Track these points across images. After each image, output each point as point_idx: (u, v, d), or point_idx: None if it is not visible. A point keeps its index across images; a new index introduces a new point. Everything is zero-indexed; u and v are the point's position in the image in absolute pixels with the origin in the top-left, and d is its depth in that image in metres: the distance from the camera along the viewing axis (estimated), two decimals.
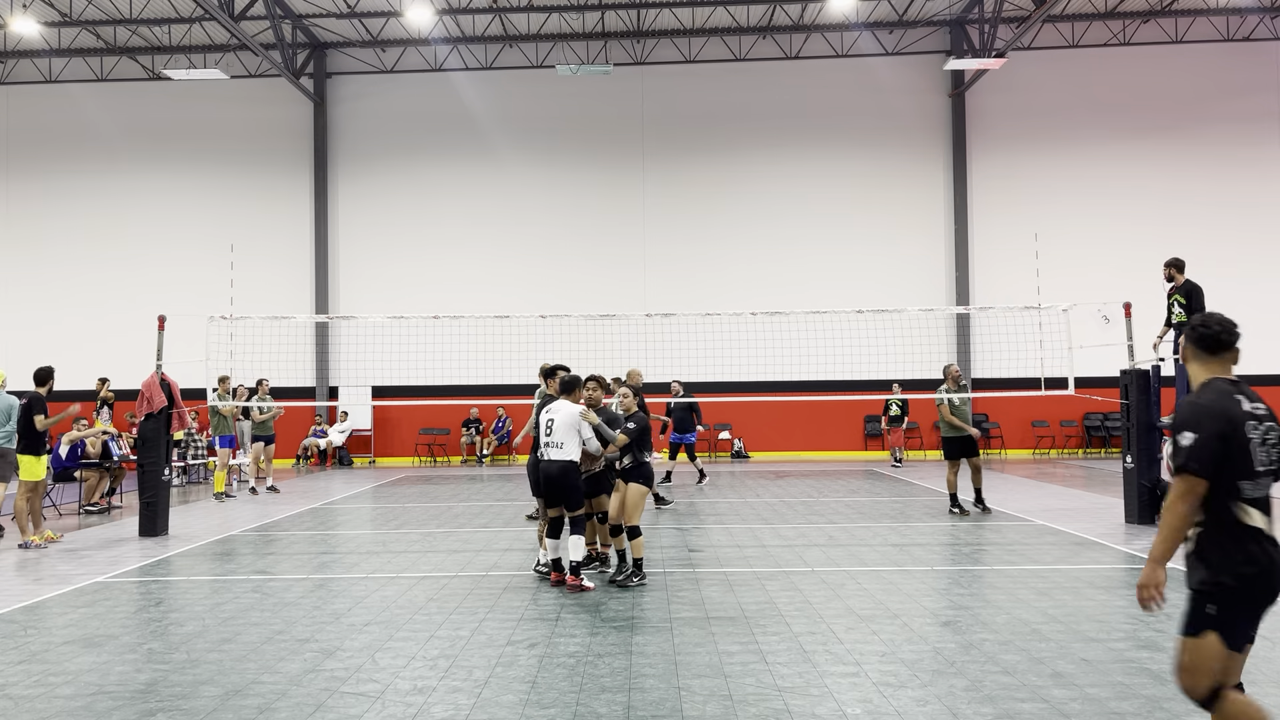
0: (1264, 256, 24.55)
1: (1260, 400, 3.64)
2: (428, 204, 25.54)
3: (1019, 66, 24.66)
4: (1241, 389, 3.61)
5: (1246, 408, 3.55)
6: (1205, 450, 3.46)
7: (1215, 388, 3.61)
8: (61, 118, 26.10)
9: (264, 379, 17.37)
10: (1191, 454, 3.47)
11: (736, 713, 4.95)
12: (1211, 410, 3.52)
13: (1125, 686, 5.29)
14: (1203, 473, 3.46)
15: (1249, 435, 3.49)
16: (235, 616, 7.25)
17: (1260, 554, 3.48)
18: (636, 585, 8.23)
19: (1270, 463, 3.53)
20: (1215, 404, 3.54)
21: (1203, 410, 3.53)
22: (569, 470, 8.14)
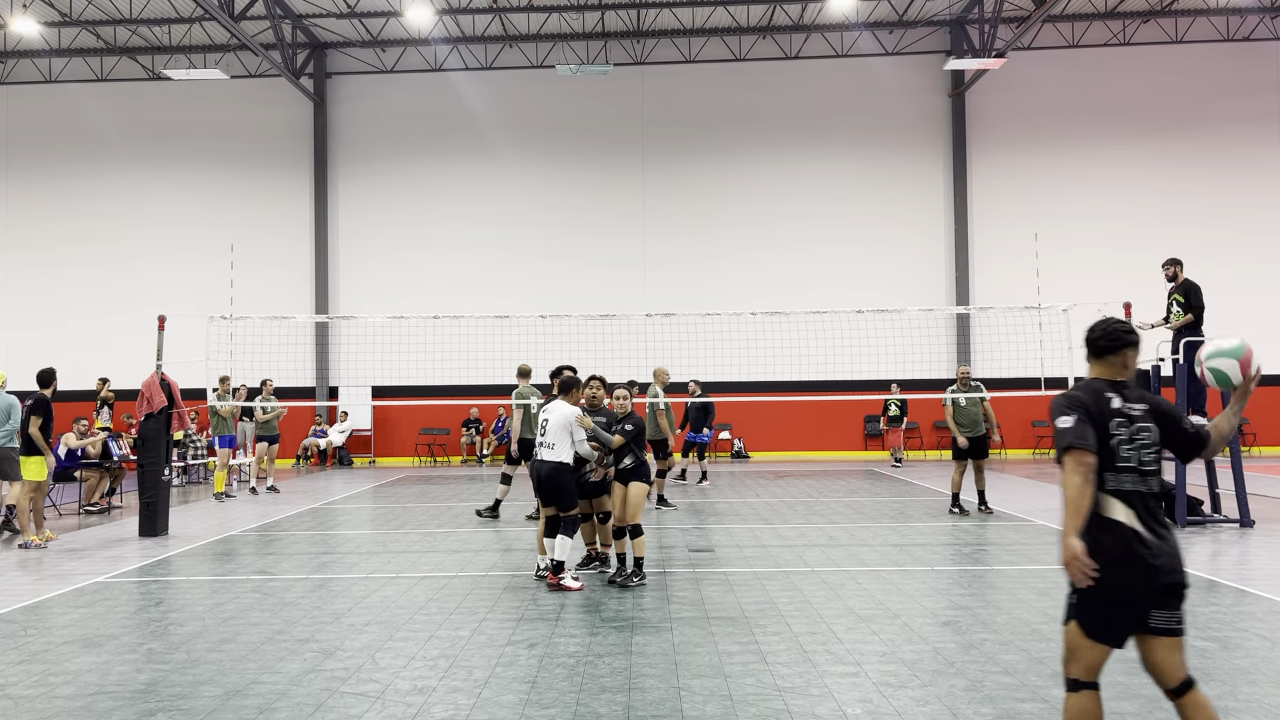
0: (1264, 256, 24.56)
1: (1142, 402, 3.78)
2: (428, 204, 25.55)
3: (1019, 66, 24.66)
4: (1121, 389, 3.79)
5: (1117, 405, 3.73)
6: (1083, 427, 3.63)
7: (1090, 386, 3.83)
8: (61, 118, 26.10)
9: (268, 379, 17.42)
10: (1072, 433, 3.62)
11: (736, 713, 4.95)
12: (1081, 400, 3.72)
13: (1125, 686, 5.28)
14: (1086, 447, 3.60)
15: (1112, 431, 3.67)
16: (235, 616, 7.25)
17: (1112, 546, 3.60)
18: (637, 585, 8.23)
19: (1138, 462, 3.68)
20: (1084, 397, 3.74)
21: (1073, 399, 3.73)
22: (560, 471, 8.14)
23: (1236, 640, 6.21)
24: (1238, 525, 11.23)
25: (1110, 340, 3.84)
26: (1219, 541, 10.33)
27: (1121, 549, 3.60)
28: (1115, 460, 3.66)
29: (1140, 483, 3.68)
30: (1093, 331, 3.89)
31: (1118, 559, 3.60)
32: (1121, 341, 3.82)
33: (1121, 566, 3.60)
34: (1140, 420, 3.73)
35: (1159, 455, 3.74)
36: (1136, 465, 3.68)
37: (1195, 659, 5.78)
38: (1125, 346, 3.82)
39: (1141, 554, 3.60)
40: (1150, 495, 3.69)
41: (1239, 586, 7.92)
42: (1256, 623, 6.67)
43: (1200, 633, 6.39)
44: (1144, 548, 3.60)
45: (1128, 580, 3.61)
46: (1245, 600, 7.41)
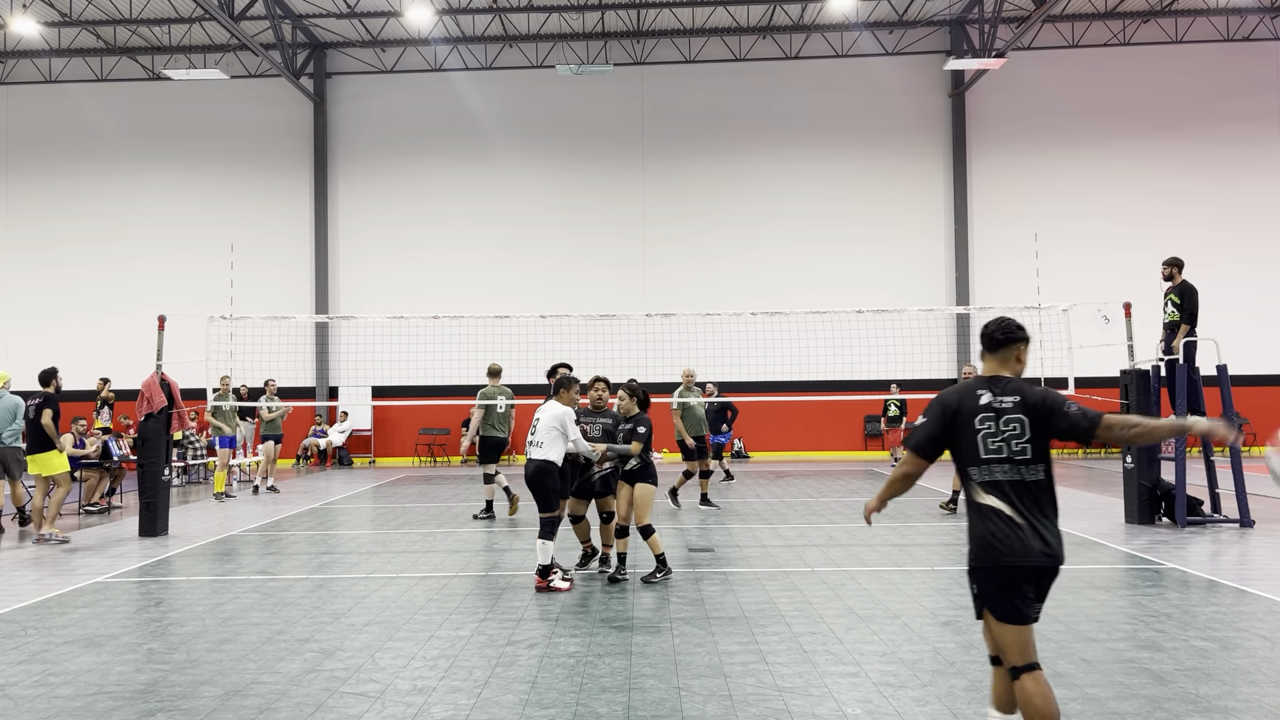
0: (1264, 257, 24.56)
1: (1015, 394, 3.95)
2: (428, 204, 25.55)
3: (1019, 66, 24.66)
4: (993, 385, 3.99)
5: (986, 400, 3.95)
6: (926, 435, 3.97)
7: (964, 384, 4.06)
8: (61, 118, 26.10)
9: (271, 379, 17.50)
10: (917, 435, 4.00)
11: (736, 713, 4.95)
12: (947, 402, 3.99)
13: (1125, 686, 5.29)
14: (920, 453, 3.99)
15: (977, 428, 3.90)
16: (235, 616, 7.25)
17: (989, 532, 3.85)
18: (662, 579, 8.32)
19: (1008, 453, 3.88)
20: (951, 398, 4.00)
21: (940, 402, 4.01)
22: (544, 470, 8.13)
23: (1236, 640, 6.21)
24: (1238, 525, 11.22)
25: (1005, 334, 4.06)
26: (1219, 541, 10.33)
27: (999, 531, 3.83)
28: (982, 452, 3.89)
29: (1013, 471, 3.87)
30: (988, 327, 4.13)
31: (993, 542, 3.83)
32: (1014, 336, 4.06)
33: (1001, 546, 3.82)
34: (1010, 413, 3.91)
35: (1033, 445, 3.88)
36: (1007, 456, 3.88)
37: (1195, 659, 5.78)
38: (1017, 341, 4.07)
39: (1016, 532, 3.81)
40: (1025, 483, 3.87)
41: (1239, 586, 7.92)
42: (1256, 623, 6.67)
43: (1200, 633, 6.39)
44: (1013, 531, 3.81)
45: (1008, 557, 3.81)
46: (1245, 600, 7.41)
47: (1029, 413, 3.91)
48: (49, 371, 11.76)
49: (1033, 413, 3.91)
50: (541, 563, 8.03)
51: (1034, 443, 3.89)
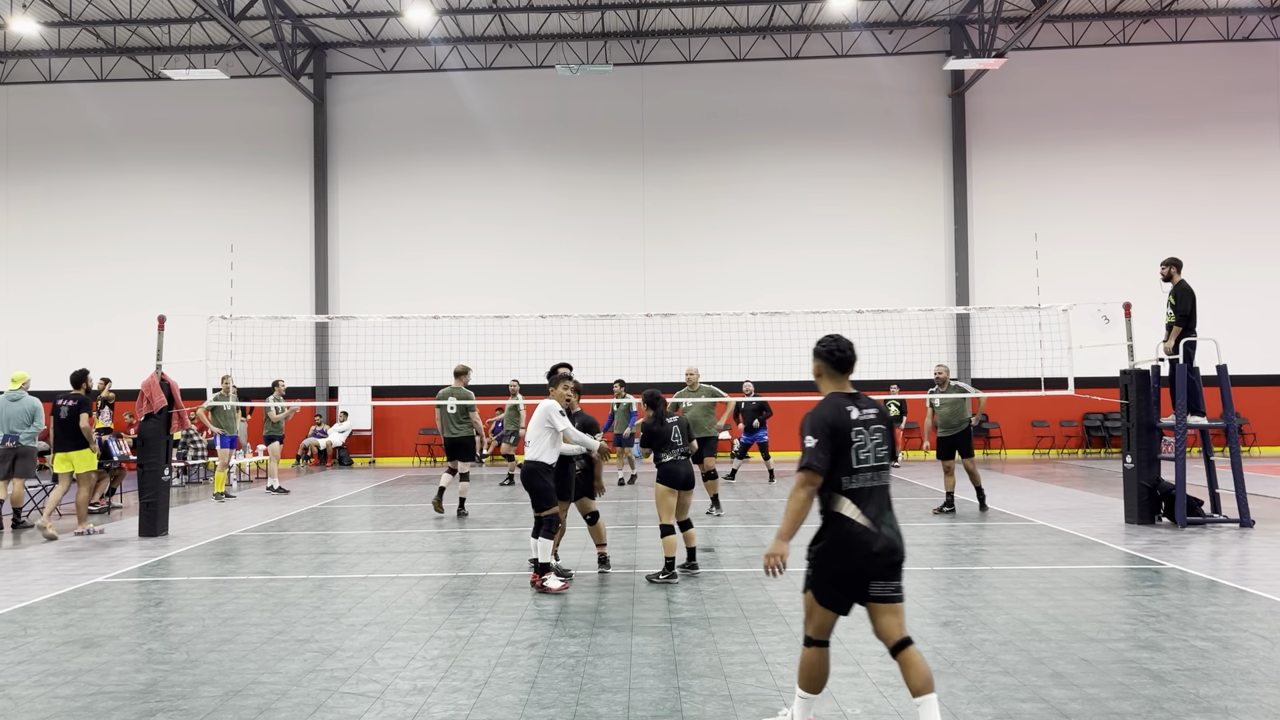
0: (1264, 257, 24.56)
1: (873, 407, 4.41)
2: (428, 204, 25.55)
3: (1019, 66, 24.66)
4: (856, 400, 4.42)
5: (855, 416, 4.34)
6: (822, 452, 4.25)
7: (832, 402, 4.41)
8: (61, 118, 26.10)
9: (280, 380, 17.63)
10: (811, 455, 4.25)
11: (736, 713, 4.95)
12: (826, 419, 4.30)
13: (1125, 686, 5.29)
14: (819, 470, 4.24)
15: (852, 439, 4.28)
16: (235, 616, 7.25)
17: (844, 536, 4.25)
18: (664, 581, 8.31)
19: (874, 461, 4.32)
20: (830, 415, 4.32)
21: (820, 420, 4.31)
22: (532, 471, 8.13)
23: (1236, 640, 6.21)
24: (1238, 525, 11.23)
25: (854, 354, 4.54)
26: (1219, 541, 10.33)
27: (849, 538, 4.24)
28: (855, 463, 4.27)
29: (874, 479, 4.31)
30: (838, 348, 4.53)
31: (845, 547, 4.25)
32: (855, 358, 4.54)
33: (847, 553, 4.24)
34: (874, 424, 4.38)
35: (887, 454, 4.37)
36: (873, 464, 4.31)
37: (1195, 659, 5.78)
38: (854, 362, 4.54)
39: (864, 542, 4.22)
40: (880, 488, 4.32)
41: (1239, 586, 7.92)
42: (1256, 623, 6.67)
43: (1200, 633, 6.39)
44: (866, 537, 4.23)
45: (852, 564, 4.25)
46: (1245, 600, 7.41)
47: (884, 423, 4.42)
48: (80, 373, 12.41)
49: (885, 423, 4.42)
50: (538, 559, 8.03)
51: (889, 450, 4.40)
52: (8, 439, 12.20)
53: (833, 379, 4.54)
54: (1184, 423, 11.44)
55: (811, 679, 4.42)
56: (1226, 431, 11.76)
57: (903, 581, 4.32)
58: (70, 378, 12.34)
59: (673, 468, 8.56)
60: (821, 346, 4.59)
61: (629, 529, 11.85)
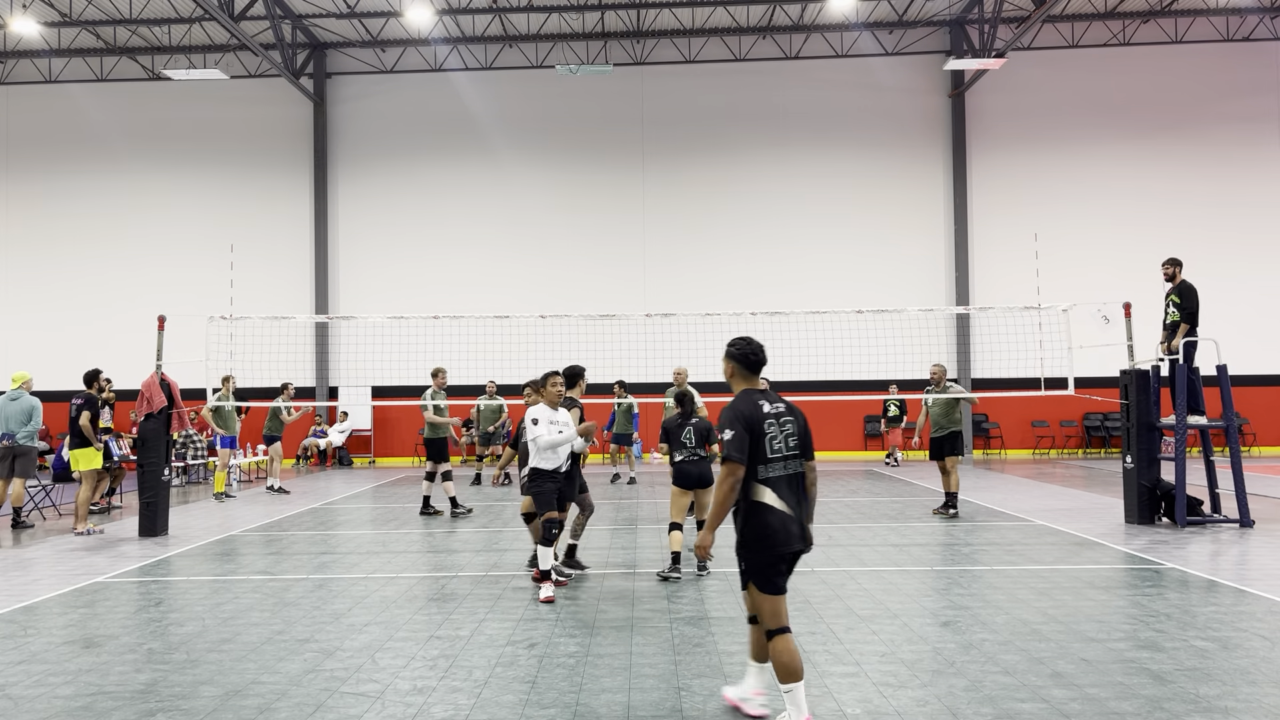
0: (1264, 256, 24.56)
1: (781, 403, 4.78)
2: (428, 204, 25.55)
3: (1019, 66, 24.67)
4: (766, 396, 4.78)
5: (767, 410, 4.69)
6: (740, 443, 4.55)
7: (745, 398, 4.75)
8: (61, 118, 26.11)
9: (289, 382, 17.72)
10: (730, 446, 4.56)
11: (736, 713, 4.95)
12: (743, 414, 4.63)
13: (1125, 686, 5.29)
14: (740, 460, 4.55)
15: (765, 431, 4.62)
16: (235, 616, 7.25)
17: (764, 522, 4.56)
18: (670, 576, 8.41)
19: (785, 451, 4.66)
20: (744, 409, 4.66)
21: (737, 414, 4.63)
22: (531, 476, 8.09)
23: (1236, 640, 6.21)
24: (1238, 525, 11.23)
25: (762, 358, 4.89)
26: (1219, 541, 10.33)
27: (770, 524, 4.56)
28: (768, 454, 4.61)
29: (785, 467, 4.66)
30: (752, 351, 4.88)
31: (772, 530, 4.56)
32: (765, 360, 4.92)
33: (775, 537, 4.55)
34: (784, 416, 4.72)
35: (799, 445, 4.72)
36: (784, 454, 4.65)
37: (1195, 659, 5.79)
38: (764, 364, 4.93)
39: (783, 526, 4.57)
40: (793, 476, 4.68)
41: (1239, 586, 7.92)
42: (1256, 623, 6.67)
43: (1200, 633, 6.39)
44: (787, 520, 4.59)
45: (781, 547, 4.56)
46: (1245, 600, 7.41)
47: (794, 416, 4.78)
48: (91, 373, 12.54)
49: (796, 415, 4.79)
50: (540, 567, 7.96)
51: (801, 441, 4.75)
52: (4, 438, 12.29)
53: (745, 378, 4.89)
54: (1184, 423, 11.44)
55: (789, 668, 4.53)
56: (1226, 431, 11.76)
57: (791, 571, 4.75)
58: (84, 377, 12.58)
59: (684, 467, 8.78)
60: (735, 349, 4.92)
61: (629, 529, 11.86)
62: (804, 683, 4.63)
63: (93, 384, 12.49)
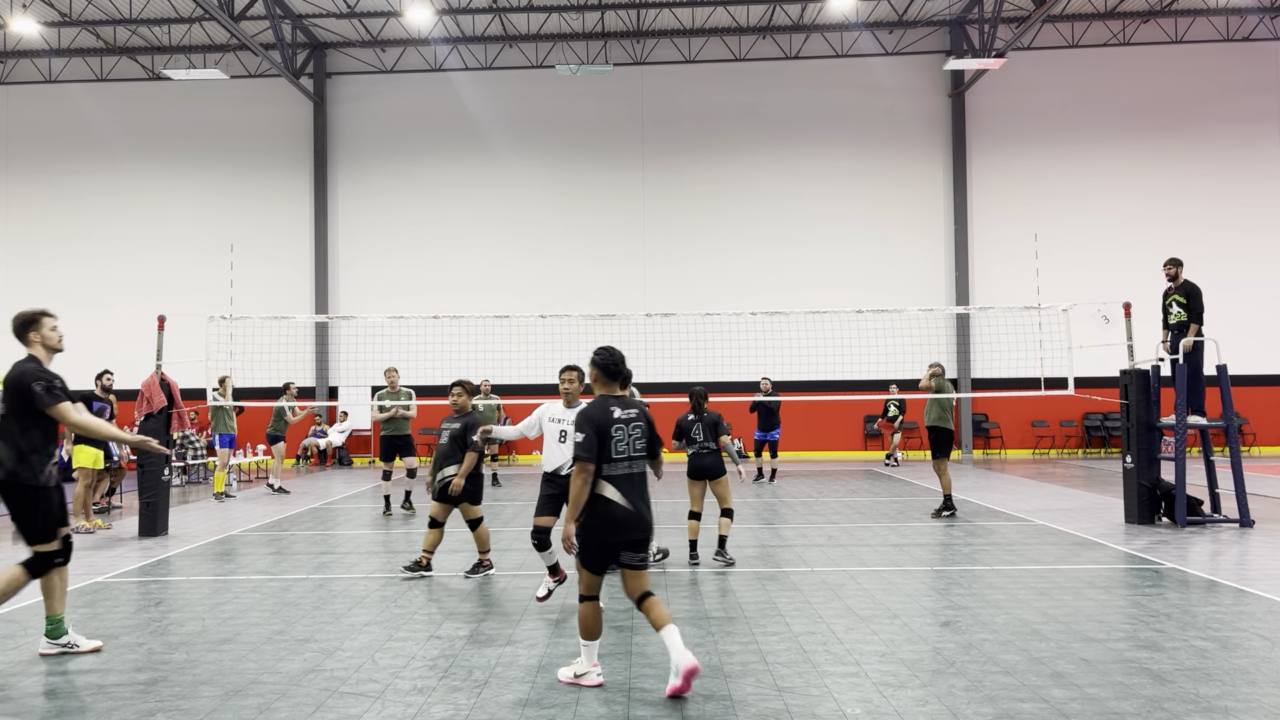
0: (1264, 256, 24.57)
1: (634, 409, 5.39)
2: (428, 204, 25.55)
3: (1019, 66, 24.66)
4: (619, 402, 5.39)
5: (617, 415, 5.32)
6: (590, 445, 5.21)
7: (599, 403, 5.37)
8: (61, 118, 26.11)
9: (291, 382, 17.78)
10: (580, 447, 5.21)
11: (736, 713, 4.95)
12: (593, 418, 5.27)
13: (1125, 686, 5.29)
14: (589, 459, 5.20)
15: (612, 434, 5.27)
16: (235, 616, 7.25)
17: (604, 513, 5.25)
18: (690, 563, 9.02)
19: (630, 453, 5.32)
20: (595, 414, 5.29)
21: (587, 418, 5.28)
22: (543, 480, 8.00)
23: (1236, 640, 6.21)
24: (1238, 525, 11.23)
25: (621, 367, 5.45)
26: (1219, 541, 10.33)
27: (607, 515, 5.25)
28: (613, 455, 5.27)
29: (629, 467, 5.33)
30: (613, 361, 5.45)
31: (606, 522, 5.26)
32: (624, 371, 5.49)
33: (607, 527, 5.26)
34: (634, 422, 5.35)
35: (646, 446, 5.38)
36: (628, 455, 5.31)
37: (1195, 659, 5.78)
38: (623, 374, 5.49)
39: (618, 518, 5.25)
40: (637, 474, 5.35)
41: (1239, 586, 7.92)
42: (1256, 623, 6.67)
43: (1200, 633, 6.39)
44: (620, 513, 5.25)
45: (608, 535, 5.26)
46: (1245, 600, 7.41)
47: (644, 420, 5.40)
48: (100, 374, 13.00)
49: (645, 420, 5.39)
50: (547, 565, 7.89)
51: (648, 444, 5.40)
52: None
53: (605, 384, 5.48)
54: (1184, 423, 11.44)
55: (590, 629, 5.37)
56: (1226, 431, 11.76)
57: (648, 553, 5.37)
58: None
59: (694, 461, 9.31)
60: (599, 358, 5.49)
61: None
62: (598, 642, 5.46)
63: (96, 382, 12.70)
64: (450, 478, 8.57)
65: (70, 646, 6.16)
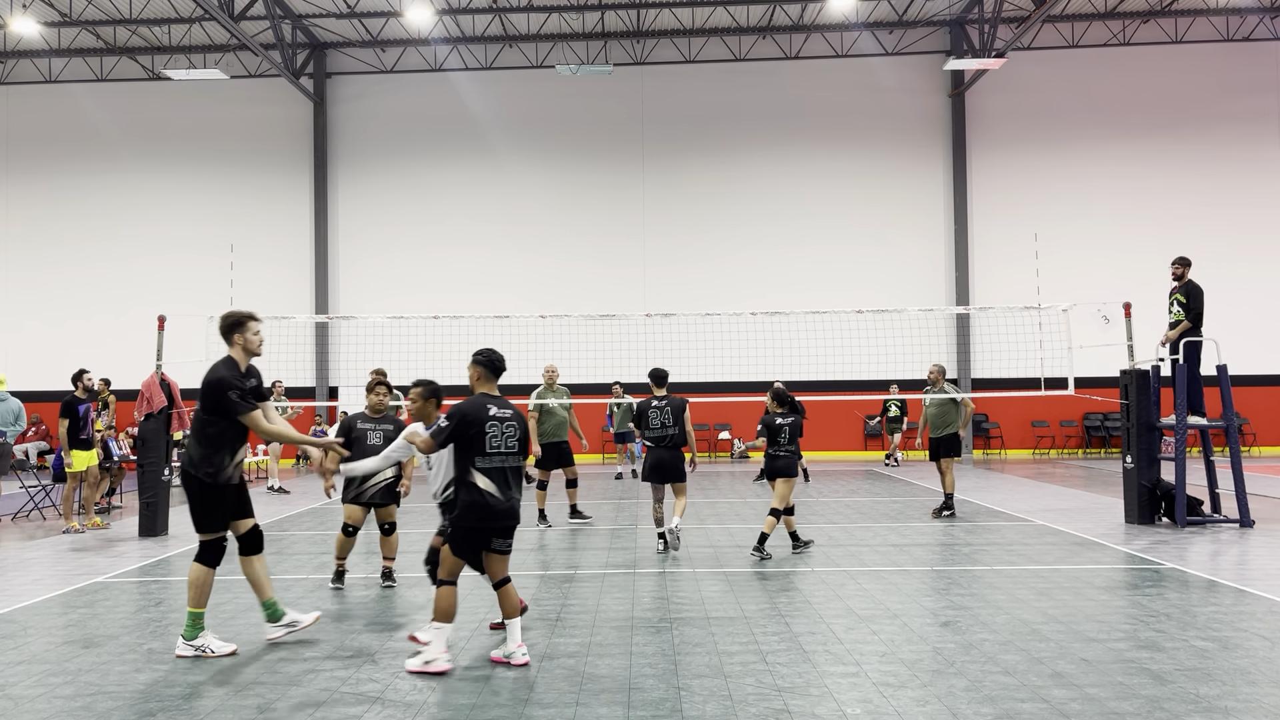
0: (1264, 256, 24.57)
1: (509, 409, 5.80)
2: (428, 204, 25.55)
3: (1019, 66, 24.66)
4: (494, 401, 5.80)
5: (493, 412, 5.73)
6: (440, 434, 5.69)
7: (475, 400, 5.79)
8: (61, 118, 26.10)
9: (279, 380, 17.74)
10: (438, 433, 5.69)
11: (736, 713, 4.95)
12: (465, 413, 5.68)
13: (1125, 686, 5.29)
14: (434, 442, 5.72)
15: (486, 430, 5.65)
16: (235, 616, 7.25)
17: (474, 504, 5.65)
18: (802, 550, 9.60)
19: (504, 448, 5.71)
20: (469, 410, 5.70)
21: (460, 411, 5.69)
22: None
23: (1236, 640, 6.21)
24: (1238, 525, 11.23)
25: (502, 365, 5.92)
26: (1219, 541, 10.33)
27: (481, 504, 5.64)
28: (486, 449, 5.65)
29: (504, 461, 5.72)
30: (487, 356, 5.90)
31: (477, 510, 5.64)
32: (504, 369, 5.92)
33: (479, 515, 5.64)
34: (509, 421, 5.75)
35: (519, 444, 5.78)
36: (503, 450, 5.71)
37: (1195, 659, 5.78)
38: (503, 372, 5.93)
39: (489, 507, 5.65)
40: (510, 469, 5.74)
41: (1239, 586, 7.92)
42: (1256, 623, 6.67)
43: (1200, 633, 6.39)
44: (492, 503, 5.65)
45: (482, 524, 5.67)
46: (1245, 600, 7.41)
47: (517, 421, 5.77)
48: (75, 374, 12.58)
49: (519, 421, 5.78)
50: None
51: (520, 441, 5.78)
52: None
53: (485, 383, 5.90)
54: (1184, 423, 11.44)
55: (445, 612, 5.67)
56: (1226, 431, 11.76)
57: (512, 540, 5.82)
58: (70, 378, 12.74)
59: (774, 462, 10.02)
60: (481, 357, 5.92)
61: (629, 528, 11.86)
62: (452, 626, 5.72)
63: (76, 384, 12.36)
64: (387, 481, 8.21)
65: (293, 625, 6.50)
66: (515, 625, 5.84)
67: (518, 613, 5.84)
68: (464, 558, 5.74)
